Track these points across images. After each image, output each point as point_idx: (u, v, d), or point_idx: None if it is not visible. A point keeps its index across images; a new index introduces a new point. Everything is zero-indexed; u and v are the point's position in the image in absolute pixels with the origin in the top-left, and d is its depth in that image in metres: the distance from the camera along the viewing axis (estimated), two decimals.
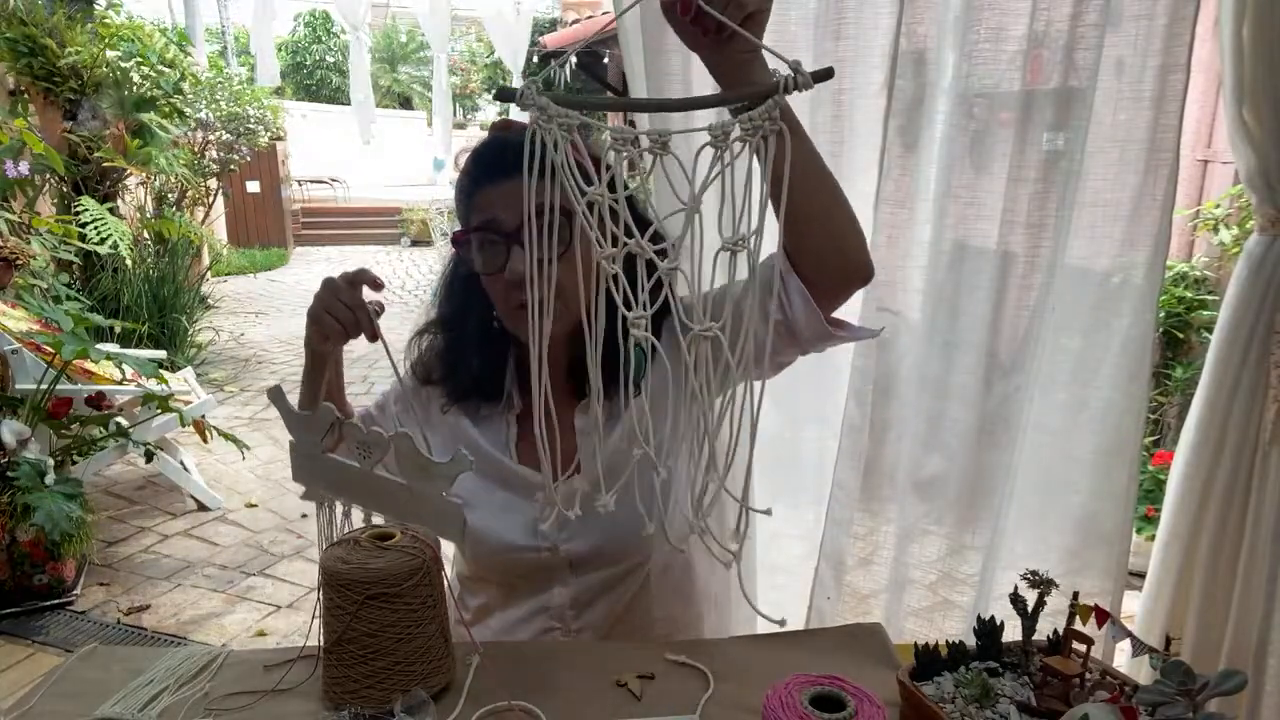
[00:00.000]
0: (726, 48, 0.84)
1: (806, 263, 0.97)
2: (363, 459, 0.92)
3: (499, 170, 0.99)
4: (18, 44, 4.00)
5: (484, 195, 1.00)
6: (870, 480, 1.55)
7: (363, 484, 0.94)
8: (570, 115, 0.75)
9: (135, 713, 0.85)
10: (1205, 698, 0.70)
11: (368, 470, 0.92)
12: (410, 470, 0.89)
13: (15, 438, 2.58)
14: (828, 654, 1.00)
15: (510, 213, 0.97)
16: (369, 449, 0.92)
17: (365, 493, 0.94)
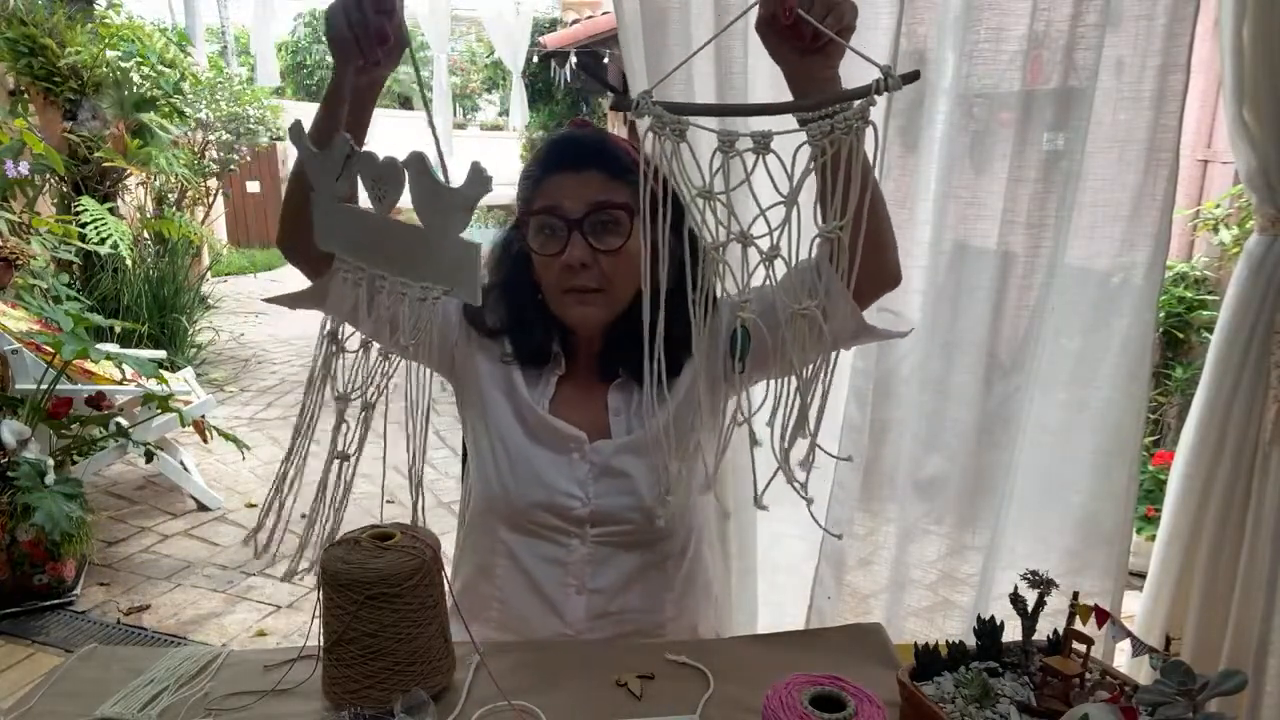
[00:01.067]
0: (813, 60, 0.85)
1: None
2: (378, 201, 0.81)
3: (571, 162, 1.05)
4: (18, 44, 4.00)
5: (552, 182, 1.05)
6: (870, 480, 1.55)
7: (379, 237, 0.83)
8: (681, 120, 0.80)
9: (135, 713, 0.85)
10: (1205, 698, 0.70)
11: (383, 217, 0.81)
12: (425, 200, 0.78)
13: (15, 438, 2.58)
14: (828, 654, 1.00)
15: (575, 202, 1.02)
16: (383, 185, 0.80)
17: (381, 249, 0.83)
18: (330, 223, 0.85)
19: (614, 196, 1.03)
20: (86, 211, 4.07)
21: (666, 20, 1.36)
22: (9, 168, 3.29)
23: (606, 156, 1.05)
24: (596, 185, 1.03)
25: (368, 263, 0.84)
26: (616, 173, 1.04)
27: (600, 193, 1.03)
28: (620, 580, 1.10)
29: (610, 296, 1.06)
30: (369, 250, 0.83)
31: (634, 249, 1.04)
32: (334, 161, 0.81)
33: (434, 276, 0.80)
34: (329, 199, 0.83)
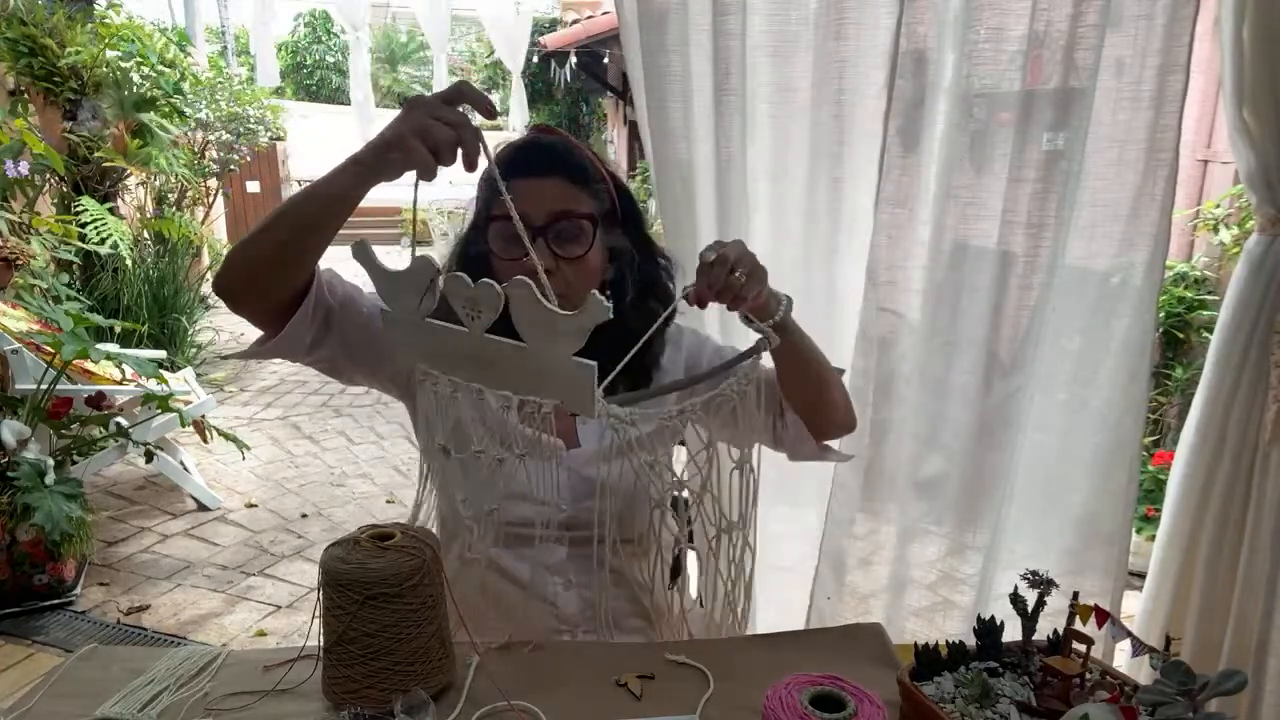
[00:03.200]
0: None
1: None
2: (470, 319, 0.80)
3: (533, 168, 1.04)
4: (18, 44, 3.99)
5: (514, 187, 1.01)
6: (870, 480, 1.55)
7: (472, 352, 0.82)
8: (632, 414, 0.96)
9: (135, 713, 0.85)
10: (1205, 698, 0.70)
11: (477, 334, 0.80)
12: (531, 327, 0.78)
13: (15, 438, 2.58)
14: (828, 654, 1.00)
15: (537, 210, 1.01)
16: (477, 306, 0.79)
17: (476, 363, 0.83)
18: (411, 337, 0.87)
19: (577, 205, 1.04)
20: (86, 211, 4.07)
21: (666, 20, 1.36)
22: (9, 168, 3.28)
23: (570, 164, 1.05)
24: (559, 193, 1.03)
25: (462, 375, 0.87)
26: (579, 180, 1.05)
27: (563, 201, 1.03)
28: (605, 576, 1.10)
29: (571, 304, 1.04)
30: (459, 364, 0.86)
31: (595, 257, 1.06)
32: (417, 282, 0.82)
33: (541, 391, 0.82)
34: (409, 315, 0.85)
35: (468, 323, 0.81)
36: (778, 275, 1.42)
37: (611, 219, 1.10)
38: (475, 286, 0.78)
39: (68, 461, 2.82)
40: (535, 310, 0.77)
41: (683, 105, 1.41)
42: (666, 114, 1.41)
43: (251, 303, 0.97)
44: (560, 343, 0.78)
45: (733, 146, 1.43)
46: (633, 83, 1.43)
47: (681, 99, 1.40)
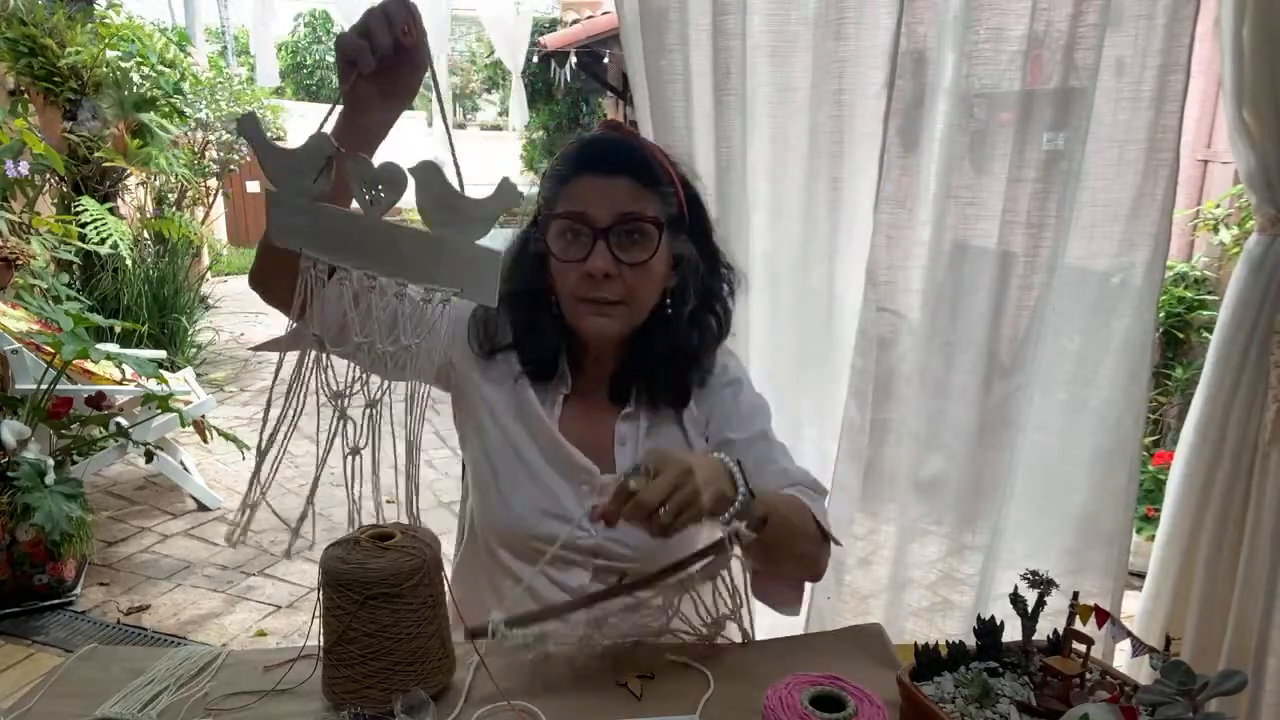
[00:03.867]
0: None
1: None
2: (369, 204, 0.76)
3: (602, 166, 1.00)
4: (18, 44, 3.99)
5: (579, 185, 1.00)
6: (870, 480, 1.55)
7: (367, 239, 0.76)
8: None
9: (135, 713, 0.85)
10: (1205, 698, 0.70)
11: (375, 219, 0.76)
12: (438, 212, 0.73)
13: (15, 438, 2.58)
14: (828, 654, 1.00)
15: (602, 210, 0.98)
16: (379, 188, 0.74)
17: (370, 250, 0.77)
18: (296, 222, 0.80)
19: (644, 208, 0.99)
20: (86, 211, 4.07)
21: (666, 20, 1.36)
22: (9, 168, 3.28)
23: (638, 164, 1.01)
24: (626, 194, 0.99)
25: (350, 262, 0.79)
26: (647, 182, 1.00)
27: (629, 202, 0.99)
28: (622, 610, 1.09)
29: (630, 310, 1.02)
30: (351, 251, 0.78)
31: (658, 263, 1.02)
32: (310, 160, 0.77)
33: (441, 279, 0.76)
34: (297, 197, 0.79)
35: (365, 206, 0.76)
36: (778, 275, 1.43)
37: (678, 224, 1.04)
38: (379, 167, 0.74)
39: (68, 461, 2.81)
40: (444, 192, 0.73)
41: (683, 105, 1.41)
42: (666, 114, 1.41)
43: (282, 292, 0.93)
44: (467, 229, 0.74)
45: (733, 146, 1.43)
46: (633, 83, 1.42)
47: (681, 99, 1.40)
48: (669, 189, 1.02)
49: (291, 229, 0.81)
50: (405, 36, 0.82)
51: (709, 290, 1.09)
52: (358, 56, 0.82)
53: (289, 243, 0.81)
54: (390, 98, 0.87)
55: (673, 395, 1.09)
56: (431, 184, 0.73)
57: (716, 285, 1.10)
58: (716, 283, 1.10)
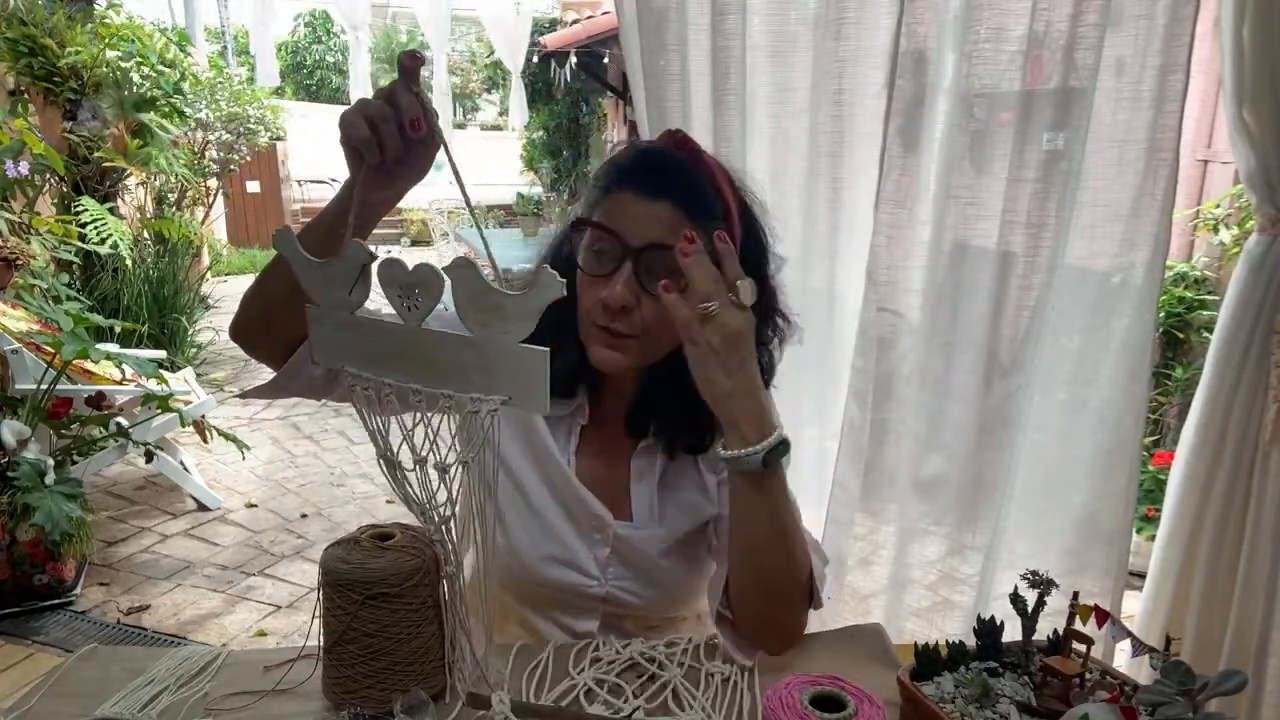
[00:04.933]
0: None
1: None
2: (407, 311, 0.72)
3: (645, 186, 0.92)
4: (18, 44, 3.99)
5: (620, 199, 0.93)
6: (870, 480, 1.55)
7: (409, 348, 0.73)
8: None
9: (135, 713, 0.85)
10: (1205, 698, 0.70)
11: (414, 328, 0.72)
12: (475, 312, 0.70)
13: (15, 438, 2.58)
14: (828, 654, 0.99)
15: (638, 233, 0.90)
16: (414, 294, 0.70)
17: (414, 361, 0.73)
18: (338, 335, 0.76)
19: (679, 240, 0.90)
20: (86, 211, 4.07)
21: (665, 20, 1.36)
22: (9, 168, 3.28)
23: (686, 190, 0.91)
24: (666, 221, 0.90)
25: (393, 376, 0.75)
26: (692, 212, 0.90)
27: (666, 231, 0.89)
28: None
29: (643, 345, 0.94)
30: (395, 363, 0.75)
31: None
32: (347, 271, 0.73)
33: (486, 386, 0.72)
34: (337, 312, 0.75)
35: (404, 314, 0.72)
36: None
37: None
38: (412, 271, 0.70)
39: (68, 461, 2.82)
40: (480, 291, 0.69)
41: (682, 105, 1.41)
42: (666, 114, 1.41)
43: (268, 345, 0.92)
44: (510, 328, 0.69)
45: (732, 146, 1.43)
46: (632, 83, 1.42)
47: (681, 99, 1.40)
48: (718, 223, 0.92)
49: (335, 346, 0.78)
50: (414, 131, 0.76)
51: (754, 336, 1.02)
52: (365, 151, 0.77)
53: (333, 361, 0.79)
54: (400, 180, 0.83)
55: (691, 439, 1.02)
56: (468, 283, 0.69)
57: (763, 332, 1.00)
58: (763, 329, 1.00)
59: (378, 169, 0.79)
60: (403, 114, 0.76)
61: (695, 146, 0.95)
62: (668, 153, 0.95)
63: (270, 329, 0.91)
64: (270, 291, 0.90)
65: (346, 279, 0.73)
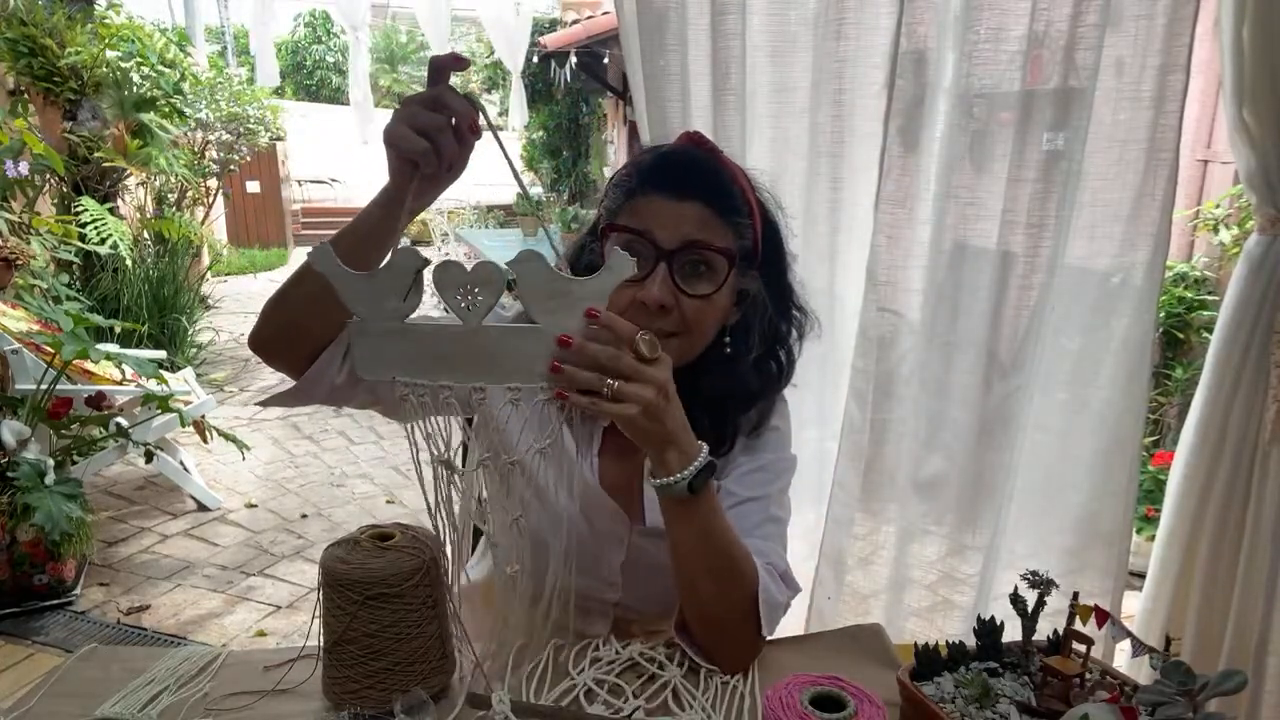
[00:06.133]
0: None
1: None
2: (466, 310, 0.70)
3: (675, 187, 0.92)
4: (18, 44, 3.99)
5: (648, 202, 0.92)
6: (870, 480, 1.55)
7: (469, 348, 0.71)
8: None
9: (135, 713, 0.85)
10: (1205, 698, 0.70)
11: (474, 326, 0.70)
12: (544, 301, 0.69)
13: (15, 438, 2.58)
14: (828, 654, 0.99)
15: (669, 233, 0.90)
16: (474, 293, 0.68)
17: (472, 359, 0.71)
18: (387, 348, 0.73)
19: (714, 238, 0.91)
20: (86, 211, 4.07)
21: (665, 21, 1.36)
22: (9, 168, 3.28)
23: (716, 188, 0.92)
24: (696, 220, 0.91)
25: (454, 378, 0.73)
26: (722, 210, 0.92)
27: (699, 230, 0.90)
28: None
29: (684, 343, 0.94)
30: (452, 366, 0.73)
31: (722, 299, 0.94)
32: (399, 279, 0.71)
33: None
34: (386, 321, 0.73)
35: (462, 314, 0.71)
36: None
37: (749, 259, 0.96)
38: (472, 270, 0.69)
39: (68, 461, 2.82)
40: (550, 282, 0.69)
41: (682, 105, 1.41)
42: (666, 114, 1.41)
43: (289, 356, 0.92)
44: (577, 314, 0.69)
45: (732, 147, 1.42)
46: (632, 83, 1.42)
47: (680, 99, 1.40)
48: (745, 221, 0.94)
49: (382, 359, 0.74)
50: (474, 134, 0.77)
51: (775, 332, 1.01)
52: (422, 160, 0.77)
53: (381, 374, 0.75)
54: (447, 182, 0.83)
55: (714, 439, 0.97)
56: (536, 276, 0.69)
57: (785, 328, 1.02)
58: (785, 325, 1.02)
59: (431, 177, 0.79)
60: (460, 118, 0.76)
61: (714, 146, 0.96)
62: (692, 152, 0.96)
63: (292, 341, 0.91)
64: (293, 304, 0.89)
65: (399, 287, 0.71)
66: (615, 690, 0.90)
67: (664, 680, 0.91)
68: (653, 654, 0.95)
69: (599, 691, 0.89)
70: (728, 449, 1.02)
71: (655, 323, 0.91)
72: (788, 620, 1.29)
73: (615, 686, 0.90)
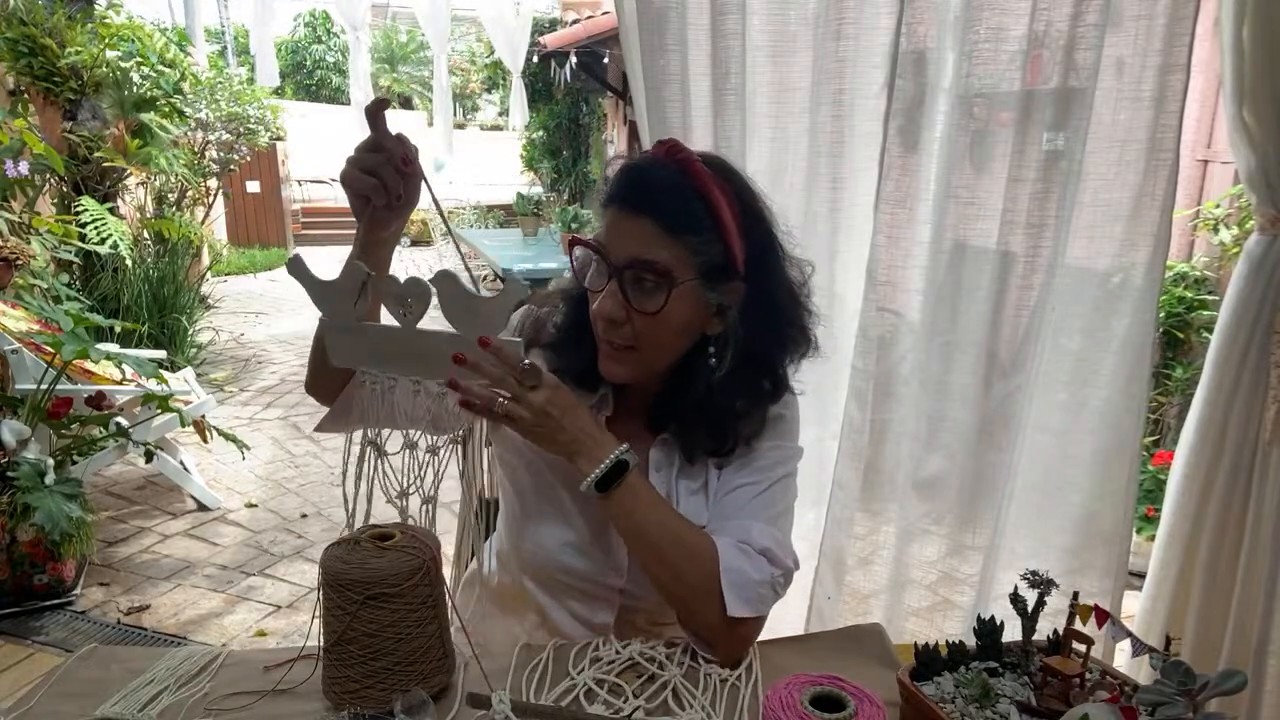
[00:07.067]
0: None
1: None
2: (403, 316, 0.84)
3: (626, 201, 0.94)
4: (18, 44, 3.99)
5: (610, 216, 0.95)
6: (870, 480, 1.55)
7: (410, 348, 0.86)
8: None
9: (135, 713, 0.85)
10: (1205, 698, 0.70)
11: (411, 328, 0.85)
12: (459, 314, 0.82)
13: (15, 438, 2.58)
14: (828, 654, 1.00)
15: (619, 250, 0.93)
16: (407, 302, 0.83)
17: (414, 358, 0.86)
18: (351, 342, 0.90)
19: (657, 256, 0.91)
20: (86, 211, 4.07)
21: (665, 20, 1.36)
22: (9, 168, 3.28)
23: (667, 206, 0.91)
24: (643, 237, 0.91)
25: (399, 372, 0.89)
26: (673, 228, 0.91)
27: (644, 247, 0.91)
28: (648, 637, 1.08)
29: (641, 357, 0.96)
30: (400, 362, 0.88)
31: (674, 314, 0.93)
32: (349, 286, 0.86)
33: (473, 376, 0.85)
34: (345, 321, 0.88)
35: (400, 319, 0.85)
36: None
37: (720, 274, 0.94)
38: (404, 283, 0.83)
39: (68, 461, 2.82)
40: (460, 298, 0.82)
41: (682, 105, 1.41)
42: (666, 114, 1.41)
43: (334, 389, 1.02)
44: (488, 327, 0.82)
45: (732, 147, 1.43)
46: (632, 83, 1.42)
47: (681, 99, 1.40)
48: (705, 236, 0.92)
49: (348, 351, 0.91)
50: (408, 166, 0.88)
51: (755, 349, 0.99)
52: (373, 195, 0.88)
53: (348, 363, 0.92)
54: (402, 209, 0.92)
55: (713, 444, 1.02)
56: (450, 292, 0.82)
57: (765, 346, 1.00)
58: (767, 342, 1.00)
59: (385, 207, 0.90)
60: (393, 156, 0.86)
61: (687, 156, 0.94)
62: (651, 167, 0.95)
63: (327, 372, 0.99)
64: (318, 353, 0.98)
65: (350, 294, 0.86)
66: (615, 690, 0.90)
67: (664, 680, 0.91)
68: (653, 654, 0.95)
69: (599, 691, 0.89)
70: (729, 451, 1.03)
71: (613, 335, 0.96)
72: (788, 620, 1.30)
73: (615, 686, 0.90)
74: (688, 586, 0.95)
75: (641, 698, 0.88)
